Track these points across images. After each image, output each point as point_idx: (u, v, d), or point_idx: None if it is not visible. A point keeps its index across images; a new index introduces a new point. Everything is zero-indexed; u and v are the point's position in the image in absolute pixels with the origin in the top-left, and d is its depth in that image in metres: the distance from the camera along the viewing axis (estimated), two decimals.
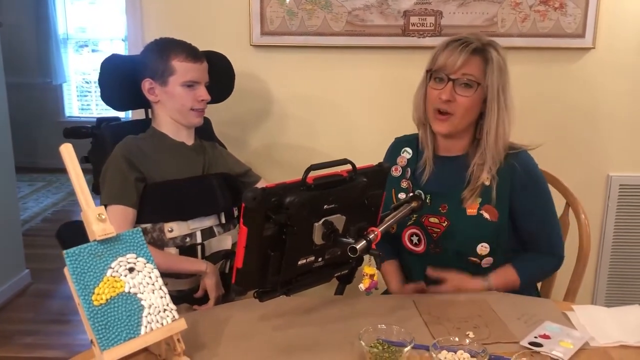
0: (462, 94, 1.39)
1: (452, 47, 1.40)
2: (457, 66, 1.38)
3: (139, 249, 1.09)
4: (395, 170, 1.57)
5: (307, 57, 2.25)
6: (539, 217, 1.47)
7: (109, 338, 0.99)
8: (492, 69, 1.39)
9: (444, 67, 1.40)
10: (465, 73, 1.39)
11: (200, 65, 1.61)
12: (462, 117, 1.42)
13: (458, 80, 1.39)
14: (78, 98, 5.90)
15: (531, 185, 1.45)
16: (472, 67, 1.39)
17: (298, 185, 1.13)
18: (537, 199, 1.46)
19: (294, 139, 2.33)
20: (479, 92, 1.40)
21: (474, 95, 1.40)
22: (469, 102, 1.40)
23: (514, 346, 1.14)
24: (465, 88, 1.39)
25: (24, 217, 4.22)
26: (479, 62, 1.39)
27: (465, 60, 1.38)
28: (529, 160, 1.47)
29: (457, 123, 1.42)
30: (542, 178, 1.48)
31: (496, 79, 1.39)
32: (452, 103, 1.40)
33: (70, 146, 1.08)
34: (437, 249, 1.48)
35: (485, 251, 1.43)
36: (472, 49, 1.39)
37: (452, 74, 1.39)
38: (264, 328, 1.24)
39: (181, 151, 1.65)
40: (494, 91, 1.40)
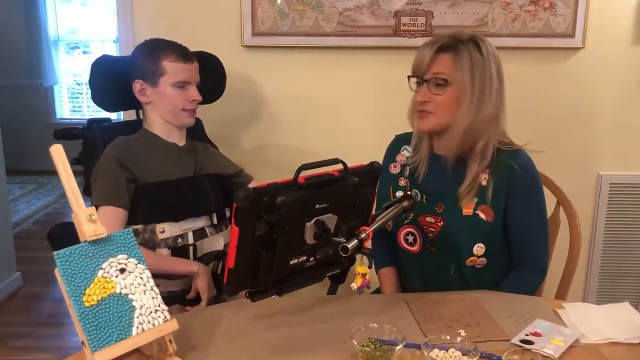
0: (437, 92, 1.40)
1: (421, 49, 1.42)
2: (425, 66, 1.40)
3: (130, 250, 1.09)
4: (394, 167, 1.57)
5: (299, 57, 2.25)
6: (527, 224, 1.46)
7: (100, 339, 0.98)
8: (460, 63, 1.38)
9: (416, 69, 1.42)
10: (435, 72, 1.39)
11: (191, 65, 1.61)
12: (443, 115, 1.41)
13: (431, 81, 1.40)
14: (69, 100, 5.88)
15: (527, 190, 1.45)
16: (440, 65, 1.39)
17: (289, 185, 1.13)
18: (529, 206, 1.46)
19: (285, 139, 2.33)
20: (454, 88, 1.39)
21: (448, 92, 1.39)
22: (444, 100, 1.40)
23: (505, 344, 1.15)
24: (437, 87, 1.40)
25: (15, 219, 4.20)
26: (448, 59, 1.39)
27: (432, 59, 1.39)
28: (528, 162, 1.46)
29: (438, 120, 1.42)
30: (539, 183, 1.47)
31: (469, 73, 1.38)
32: (429, 103, 1.41)
33: (60, 147, 1.08)
34: (432, 249, 1.48)
35: (480, 251, 1.44)
36: (438, 47, 1.39)
37: (424, 74, 1.41)
38: (256, 328, 1.24)
39: (173, 152, 1.65)
40: (466, 85, 1.38)
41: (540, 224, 1.48)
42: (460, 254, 1.45)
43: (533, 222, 1.47)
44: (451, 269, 1.47)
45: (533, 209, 1.46)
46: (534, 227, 1.47)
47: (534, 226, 1.47)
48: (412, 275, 1.56)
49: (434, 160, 1.51)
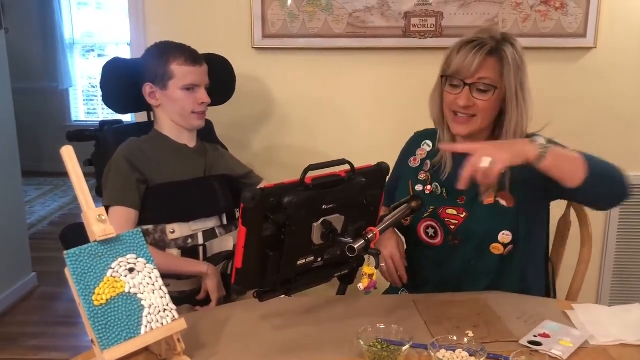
0: (480, 98, 1.37)
1: (465, 50, 1.36)
2: (473, 71, 1.35)
3: (139, 250, 1.10)
4: (414, 161, 1.56)
5: (309, 59, 2.26)
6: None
7: (110, 338, 1.00)
8: (509, 68, 1.35)
9: (459, 72, 1.37)
10: (481, 77, 1.35)
11: (199, 68, 1.62)
12: (483, 120, 1.39)
13: (474, 85, 1.36)
14: (84, 102, 5.94)
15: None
16: (487, 70, 1.35)
17: (296, 185, 1.14)
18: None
19: (295, 140, 2.34)
20: (497, 93, 1.37)
21: (492, 98, 1.37)
22: (487, 105, 1.38)
23: (513, 345, 1.14)
24: (483, 93, 1.36)
25: (30, 220, 4.25)
26: (494, 63, 1.36)
27: (480, 64, 1.34)
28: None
29: (479, 124, 1.40)
30: None
31: (513, 77, 1.36)
32: (471, 107, 1.38)
33: (70, 148, 1.10)
34: (455, 241, 1.46)
35: (507, 239, 1.40)
36: (487, 51, 1.35)
37: (468, 78, 1.36)
38: (264, 328, 1.24)
39: (183, 153, 1.66)
40: (512, 90, 1.36)
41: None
42: (485, 243, 1.42)
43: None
44: (472, 260, 1.45)
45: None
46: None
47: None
48: (429, 269, 1.54)
49: (457, 157, 1.46)
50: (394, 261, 1.49)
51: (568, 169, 1.23)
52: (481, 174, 1.16)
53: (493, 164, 1.15)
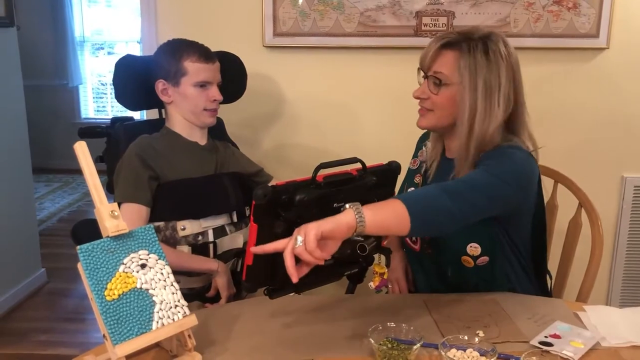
0: (433, 91, 1.34)
1: (429, 43, 1.36)
2: (427, 63, 1.34)
3: (151, 246, 1.10)
4: (414, 163, 1.56)
5: (319, 57, 2.26)
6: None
7: (121, 333, 1.00)
8: (463, 65, 1.29)
9: (420, 63, 1.37)
10: (436, 71, 1.33)
11: (212, 65, 1.62)
12: (440, 116, 1.36)
13: (430, 78, 1.34)
14: (94, 100, 5.97)
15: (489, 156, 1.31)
16: (441, 63, 1.32)
17: (308, 183, 1.14)
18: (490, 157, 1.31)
19: (305, 139, 2.34)
20: (451, 90, 1.32)
21: (445, 93, 1.33)
22: (441, 100, 1.34)
23: (524, 345, 1.14)
24: (435, 86, 1.34)
25: (40, 217, 4.28)
26: (450, 57, 1.31)
27: (435, 55, 1.33)
28: (505, 148, 1.32)
29: (437, 120, 1.37)
30: (507, 152, 1.31)
31: (467, 77, 1.29)
32: (426, 100, 1.36)
33: (84, 144, 1.10)
34: (428, 250, 1.46)
35: (476, 251, 1.36)
36: (442, 44, 1.32)
37: (427, 70, 1.35)
38: (274, 325, 1.24)
39: (194, 151, 1.67)
40: (464, 89, 1.30)
41: (499, 164, 1.28)
42: (454, 255, 1.39)
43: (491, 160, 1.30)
44: (449, 270, 1.44)
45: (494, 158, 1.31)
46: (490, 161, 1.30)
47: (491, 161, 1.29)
48: (417, 274, 1.56)
49: (444, 164, 1.46)
50: (399, 285, 1.57)
51: (393, 224, 1.10)
52: (301, 254, 1.00)
53: (306, 237, 1.00)
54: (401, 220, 1.09)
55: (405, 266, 1.60)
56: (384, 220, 1.08)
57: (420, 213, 1.11)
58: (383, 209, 1.09)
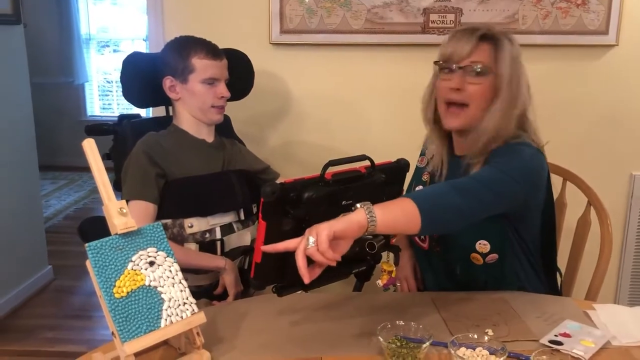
0: (473, 81, 1.31)
1: (458, 36, 1.34)
2: (465, 53, 1.31)
3: (159, 243, 1.10)
4: (421, 161, 1.56)
5: (326, 55, 2.25)
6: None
7: (130, 330, 1.00)
8: (504, 56, 1.31)
9: (452, 56, 1.33)
10: (474, 61, 1.31)
11: (220, 62, 1.62)
12: (476, 109, 1.33)
13: (467, 68, 1.31)
14: (100, 97, 5.98)
15: (498, 153, 1.32)
16: (481, 53, 1.31)
17: (316, 180, 1.14)
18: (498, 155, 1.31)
19: (311, 136, 2.33)
20: (491, 79, 1.32)
21: (485, 83, 1.31)
22: (481, 90, 1.31)
23: (534, 344, 1.13)
24: (476, 76, 1.31)
25: (46, 214, 4.29)
26: (488, 48, 1.32)
27: (474, 46, 1.31)
28: (514, 145, 1.33)
29: (472, 115, 1.33)
30: (516, 149, 1.31)
31: (508, 68, 1.31)
32: (462, 92, 1.32)
33: (92, 141, 1.10)
34: (437, 248, 1.45)
35: (485, 249, 1.35)
36: (480, 35, 1.31)
37: (461, 61, 1.32)
38: (282, 323, 1.24)
39: (201, 148, 1.67)
40: (507, 77, 1.31)
41: (506, 163, 1.28)
42: (463, 253, 1.38)
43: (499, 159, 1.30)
44: (458, 268, 1.43)
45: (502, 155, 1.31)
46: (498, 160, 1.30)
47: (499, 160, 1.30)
48: (426, 272, 1.56)
49: (454, 162, 1.44)
50: (407, 283, 1.57)
51: (403, 223, 1.10)
52: (313, 255, 0.99)
53: (319, 237, 0.99)
54: (411, 218, 1.09)
55: (413, 264, 1.60)
56: (394, 219, 1.08)
57: (430, 211, 1.11)
58: (393, 208, 1.09)
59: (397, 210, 1.09)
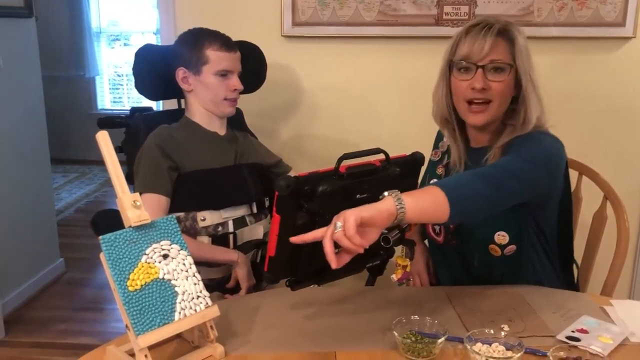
0: (495, 79, 1.31)
1: (474, 33, 1.32)
2: (485, 52, 1.30)
3: (173, 236, 1.10)
4: (435, 154, 1.54)
5: (339, 47, 2.23)
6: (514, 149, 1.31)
7: (144, 323, 1.00)
8: (520, 50, 1.32)
9: (469, 55, 1.32)
10: (494, 59, 1.31)
11: (233, 54, 1.61)
12: (499, 105, 1.34)
13: (487, 66, 1.31)
14: (110, 91, 6.00)
15: (519, 141, 1.32)
16: (499, 51, 1.31)
17: (331, 174, 1.13)
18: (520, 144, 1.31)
19: (324, 130, 2.32)
20: (512, 74, 1.33)
21: (507, 79, 1.32)
22: (504, 86, 1.32)
23: (550, 340, 1.12)
24: (498, 73, 1.32)
25: (58, 207, 4.31)
26: (504, 44, 1.32)
27: (492, 44, 1.30)
28: (534, 133, 1.33)
29: (495, 111, 1.34)
30: (536, 137, 1.32)
31: (525, 60, 1.32)
32: (487, 91, 1.32)
33: (106, 133, 1.10)
34: (453, 241, 1.44)
35: (504, 240, 1.34)
36: (497, 32, 1.31)
37: (480, 60, 1.31)
38: (295, 317, 1.23)
39: (214, 141, 1.66)
40: (526, 73, 1.33)
41: (528, 151, 1.28)
42: (481, 244, 1.37)
43: (520, 147, 1.30)
44: (475, 261, 1.42)
45: (524, 144, 1.32)
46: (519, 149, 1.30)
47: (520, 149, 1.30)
48: (441, 267, 1.55)
49: (472, 155, 1.43)
50: (420, 278, 1.56)
51: (432, 211, 1.10)
52: (340, 239, 0.98)
53: (346, 223, 0.98)
54: (440, 206, 1.09)
55: (426, 259, 1.59)
56: (423, 207, 1.07)
57: (458, 199, 1.11)
58: (422, 196, 1.09)
59: (426, 198, 1.09)
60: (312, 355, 1.08)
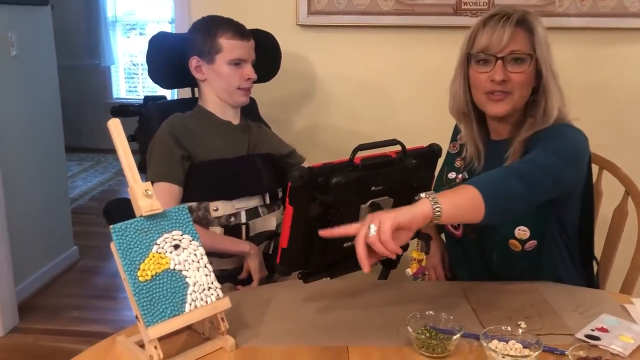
0: (516, 70, 1.28)
1: (492, 24, 1.29)
2: (504, 43, 1.27)
3: (184, 226, 1.08)
4: (453, 147, 1.51)
5: (355, 37, 2.20)
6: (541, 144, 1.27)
7: (154, 314, 0.98)
8: (539, 39, 1.28)
9: (488, 47, 1.29)
10: (513, 50, 1.28)
11: (247, 43, 1.59)
12: (520, 96, 1.31)
13: (507, 58, 1.28)
14: (125, 80, 6.01)
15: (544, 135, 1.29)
16: (518, 42, 1.28)
17: (345, 165, 1.10)
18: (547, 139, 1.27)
19: (338, 120, 2.29)
20: (532, 65, 1.30)
21: (528, 69, 1.29)
22: (524, 77, 1.29)
23: (569, 338, 1.09)
24: (518, 64, 1.29)
25: (72, 195, 4.34)
26: (523, 34, 1.29)
27: (511, 35, 1.27)
28: (557, 126, 1.30)
29: (516, 101, 1.31)
30: (560, 131, 1.29)
31: (545, 50, 1.29)
32: (507, 82, 1.29)
33: (118, 121, 1.08)
34: (472, 235, 1.41)
35: (524, 235, 1.31)
36: (515, 22, 1.28)
37: (499, 52, 1.28)
38: (307, 310, 1.22)
39: (227, 130, 1.64)
40: (546, 63, 1.30)
41: (557, 146, 1.25)
42: (501, 239, 1.34)
43: (547, 142, 1.26)
44: (494, 256, 1.39)
45: (550, 139, 1.28)
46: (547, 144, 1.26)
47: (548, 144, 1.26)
48: (458, 262, 1.52)
49: (493, 148, 1.40)
50: (435, 272, 1.53)
51: (468, 212, 1.08)
52: (374, 244, 0.97)
53: (382, 226, 0.96)
54: (476, 207, 1.07)
55: (442, 253, 1.56)
56: (459, 209, 1.06)
57: (494, 199, 1.09)
58: (458, 197, 1.07)
59: (462, 199, 1.07)
60: (324, 349, 1.07)
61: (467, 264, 1.48)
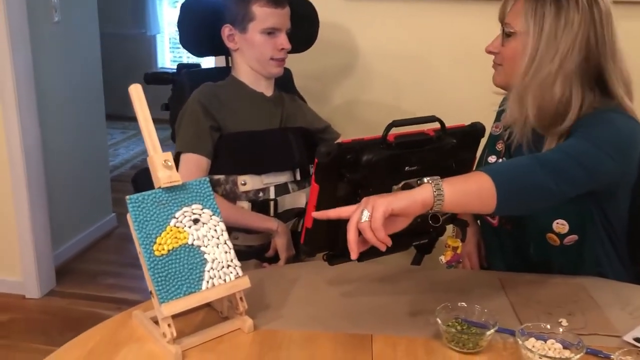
0: (505, 44, 1.24)
1: None
2: (502, 15, 1.25)
3: (205, 200, 1.03)
4: (496, 128, 1.41)
5: (400, 7, 2.09)
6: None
7: (169, 291, 0.95)
8: (531, 12, 1.16)
9: (499, 17, 1.27)
10: (506, 22, 1.23)
11: (281, 10, 1.51)
12: (508, 70, 1.24)
13: (502, 30, 1.25)
14: (170, 50, 6.03)
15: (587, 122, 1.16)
16: (513, 14, 1.21)
17: (378, 142, 1.03)
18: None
19: (378, 95, 2.20)
20: (517, 40, 1.20)
21: (510, 44, 1.22)
22: (510, 52, 1.22)
23: (616, 340, 1.00)
24: (506, 38, 1.23)
25: (114, 163, 4.40)
26: (520, 6, 1.19)
27: (507, 6, 1.23)
28: (603, 112, 1.16)
29: (504, 75, 1.26)
30: (605, 118, 1.15)
31: (533, 21, 1.16)
32: (497, 55, 1.26)
33: (139, 87, 1.04)
34: (507, 225, 1.33)
35: (563, 229, 1.22)
36: None
37: (502, 22, 1.25)
38: (332, 294, 1.16)
39: (259, 102, 1.58)
40: (529, 35, 1.16)
41: (597, 135, 1.13)
42: (538, 232, 1.25)
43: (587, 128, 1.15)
44: (530, 248, 1.30)
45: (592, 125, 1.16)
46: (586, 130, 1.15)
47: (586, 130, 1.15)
48: (494, 252, 1.43)
49: (535, 134, 1.27)
50: (470, 260, 1.46)
51: (475, 202, 1.00)
52: (364, 230, 0.90)
53: (374, 213, 0.90)
54: (486, 197, 0.98)
55: (477, 240, 1.47)
56: (465, 198, 0.97)
57: (509, 190, 0.99)
58: (465, 185, 0.98)
59: (470, 187, 0.98)
60: (347, 336, 1.01)
61: (503, 255, 1.39)
